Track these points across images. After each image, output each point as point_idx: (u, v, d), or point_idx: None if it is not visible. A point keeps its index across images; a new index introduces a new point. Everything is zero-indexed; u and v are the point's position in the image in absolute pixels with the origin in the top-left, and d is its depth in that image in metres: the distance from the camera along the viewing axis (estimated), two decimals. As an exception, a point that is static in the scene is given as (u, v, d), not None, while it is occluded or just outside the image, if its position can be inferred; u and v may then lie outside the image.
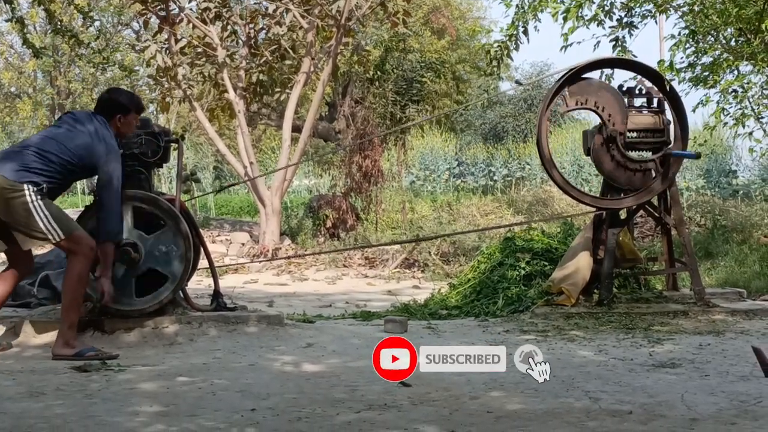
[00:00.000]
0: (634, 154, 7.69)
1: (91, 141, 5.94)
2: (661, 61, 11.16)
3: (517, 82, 28.35)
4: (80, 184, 25.93)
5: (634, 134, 7.64)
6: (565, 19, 10.73)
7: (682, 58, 11.19)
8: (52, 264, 7.50)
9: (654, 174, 7.64)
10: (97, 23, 20.51)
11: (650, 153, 7.97)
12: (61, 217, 5.85)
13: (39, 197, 5.77)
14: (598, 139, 7.60)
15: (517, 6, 11.31)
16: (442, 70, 26.91)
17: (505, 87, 36.45)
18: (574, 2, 10.65)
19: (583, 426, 4.05)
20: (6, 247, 5.98)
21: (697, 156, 8.01)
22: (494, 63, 11.74)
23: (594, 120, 7.90)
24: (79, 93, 28.63)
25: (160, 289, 6.37)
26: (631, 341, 6.40)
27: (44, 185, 5.81)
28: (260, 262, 14.60)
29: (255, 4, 17.26)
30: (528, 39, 11.50)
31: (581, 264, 7.59)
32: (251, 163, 16.22)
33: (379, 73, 21.97)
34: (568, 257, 7.77)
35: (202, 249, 6.90)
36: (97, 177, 6.01)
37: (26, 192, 5.73)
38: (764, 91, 11.86)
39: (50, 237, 5.79)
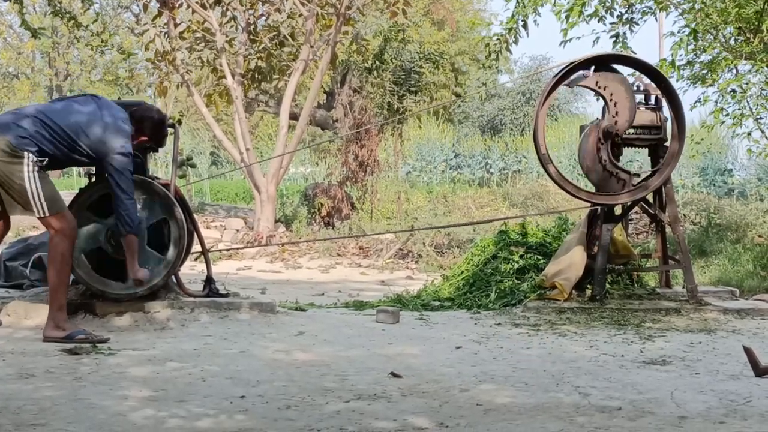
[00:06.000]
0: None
1: (100, 125, 5.90)
2: (663, 60, 11.19)
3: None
4: (76, 168, 25.89)
5: (632, 131, 7.63)
6: (567, 18, 10.76)
7: (681, 55, 11.22)
8: (45, 246, 7.47)
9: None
10: (96, 5, 20.46)
11: (647, 150, 7.97)
12: (51, 195, 5.81)
13: (36, 170, 5.75)
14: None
15: (517, 0, 11.33)
16: (441, 62, 26.91)
17: (504, 80, 36.45)
18: (576, 1, 10.67)
19: (572, 421, 4.05)
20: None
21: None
22: (493, 56, 11.76)
23: (591, 114, 7.80)
24: (78, 75, 28.52)
25: (152, 274, 6.36)
26: (622, 337, 6.41)
27: (45, 159, 5.80)
28: (254, 247, 14.60)
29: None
30: (527, 33, 11.55)
31: (575, 259, 7.58)
32: (247, 150, 16.19)
33: (377, 62, 21.95)
34: (562, 252, 7.77)
35: (195, 234, 6.89)
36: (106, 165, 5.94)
37: (25, 161, 5.71)
38: (763, 92, 11.87)
39: (34, 210, 5.76)
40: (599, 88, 7.49)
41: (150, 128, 6.24)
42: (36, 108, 6.01)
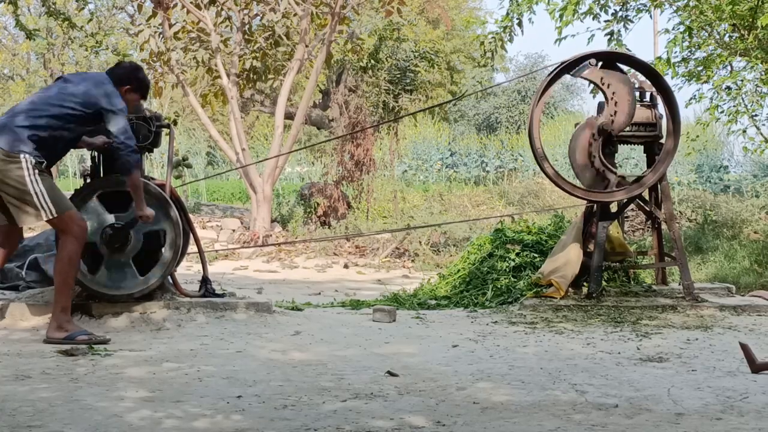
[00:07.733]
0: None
1: (86, 88, 5.93)
2: (657, 58, 11.20)
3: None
4: (72, 167, 25.86)
5: (627, 128, 7.62)
6: (561, 17, 10.77)
7: (676, 53, 11.22)
8: (41, 247, 7.48)
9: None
10: (91, 6, 20.46)
11: (642, 147, 7.98)
12: (55, 195, 5.80)
13: (36, 171, 5.73)
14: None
15: (511, -1, 11.32)
16: (436, 60, 26.86)
17: (500, 78, 36.45)
18: (569, 0, 10.67)
19: (569, 419, 4.05)
20: (6, 223, 5.94)
21: None
22: (488, 55, 11.77)
23: (587, 112, 7.78)
24: (72, 76, 28.26)
25: (148, 274, 6.35)
26: (619, 335, 6.41)
27: (44, 161, 5.79)
28: (251, 247, 14.58)
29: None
30: (522, 31, 11.54)
31: (571, 256, 7.58)
32: (243, 150, 16.19)
33: (372, 61, 21.94)
34: (558, 249, 7.77)
35: (191, 234, 6.88)
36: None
37: (23, 163, 5.68)
38: (758, 88, 11.88)
39: (42, 213, 5.74)
40: (603, 83, 7.49)
41: (129, 77, 6.17)
42: (30, 101, 5.97)
